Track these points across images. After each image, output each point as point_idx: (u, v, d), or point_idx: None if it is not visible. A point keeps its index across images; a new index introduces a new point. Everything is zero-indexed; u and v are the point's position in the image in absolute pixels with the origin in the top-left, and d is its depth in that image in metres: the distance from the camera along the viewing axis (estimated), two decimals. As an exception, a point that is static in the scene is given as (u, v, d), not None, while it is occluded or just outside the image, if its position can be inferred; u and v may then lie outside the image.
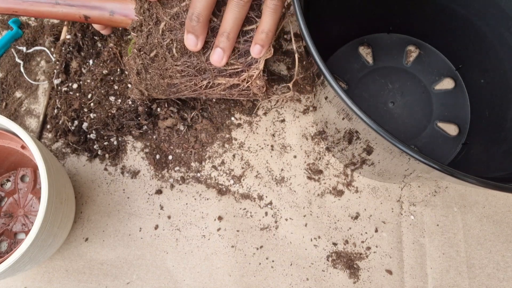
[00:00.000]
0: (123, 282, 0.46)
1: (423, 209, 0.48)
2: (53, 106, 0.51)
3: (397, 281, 0.45)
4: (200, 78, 0.41)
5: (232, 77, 0.41)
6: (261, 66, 0.40)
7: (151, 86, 0.43)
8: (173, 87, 0.42)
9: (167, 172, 0.49)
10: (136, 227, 0.47)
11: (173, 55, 0.40)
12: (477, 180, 0.28)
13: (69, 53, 0.52)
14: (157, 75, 0.41)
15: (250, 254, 0.46)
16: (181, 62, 0.40)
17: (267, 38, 0.38)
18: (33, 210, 0.46)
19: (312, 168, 0.49)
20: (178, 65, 0.40)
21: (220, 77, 0.41)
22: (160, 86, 0.42)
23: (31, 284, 0.46)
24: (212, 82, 0.41)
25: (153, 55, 0.40)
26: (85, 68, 0.52)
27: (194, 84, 0.41)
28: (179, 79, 0.41)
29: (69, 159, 0.50)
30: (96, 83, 0.50)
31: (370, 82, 0.52)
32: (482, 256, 0.46)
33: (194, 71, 0.40)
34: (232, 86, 0.42)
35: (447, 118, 0.50)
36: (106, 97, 0.50)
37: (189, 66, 0.40)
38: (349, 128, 0.40)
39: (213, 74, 0.41)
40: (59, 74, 0.51)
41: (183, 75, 0.41)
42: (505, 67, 0.44)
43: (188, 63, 0.40)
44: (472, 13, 0.46)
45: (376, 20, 0.52)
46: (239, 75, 0.41)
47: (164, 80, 0.41)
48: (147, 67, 0.41)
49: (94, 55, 0.52)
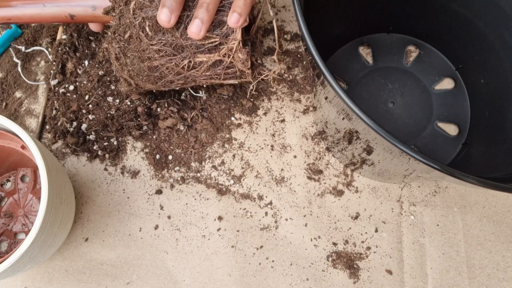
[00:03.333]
0: (123, 282, 0.46)
1: (423, 209, 0.48)
2: (51, 107, 0.51)
3: (397, 281, 0.45)
4: (179, 58, 0.41)
5: (212, 53, 0.40)
6: (238, 36, 0.39)
7: (133, 73, 0.42)
8: (155, 70, 0.42)
9: (167, 172, 0.49)
10: (136, 227, 0.47)
11: (147, 33, 0.39)
12: (477, 180, 0.28)
13: (65, 54, 0.52)
14: (136, 58, 0.41)
15: (250, 254, 0.46)
16: (156, 41, 0.40)
17: (245, 6, 0.37)
18: (33, 210, 0.46)
19: (312, 168, 0.49)
20: (153, 44, 0.40)
21: (199, 53, 0.40)
22: (143, 71, 0.42)
23: (31, 284, 0.46)
24: (193, 61, 0.41)
25: (128, 37, 0.40)
26: (81, 69, 0.52)
27: (175, 65, 0.41)
28: (159, 60, 0.41)
29: (69, 159, 0.50)
30: (93, 84, 0.50)
31: (370, 82, 0.52)
32: (482, 256, 0.46)
33: (171, 49, 0.40)
34: (216, 64, 0.42)
35: (447, 118, 0.50)
36: (104, 98, 0.50)
37: (165, 44, 0.40)
38: (349, 128, 0.40)
39: (191, 51, 0.40)
40: (55, 75, 0.51)
41: (161, 55, 0.40)
42: (505, 67, 0.44)
43: (163, 40, 0.40)
44: (472, 13, 0.46)
45: (376, 20, 0.52)
46: (218, 49, 0.40)
47: (144, 63, 0.41)
48: (125, 50, 0.41)
49: (89, 56, 0.52)
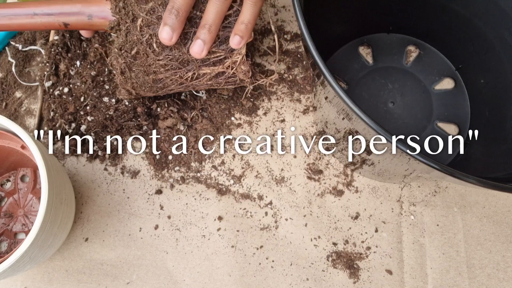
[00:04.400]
0: (123, 282, 0.46)
1: (423, 209, 0.48)
2: (48, 109, 0.51)
3: (397, 281, 0.45)
4: (184, 70, 0.41)
5: (216, 66, 0.41)
6: (243, 51, 0.40)
7: (137, 84, 0.43)
8: (159, 82, 0.42)
9: (167, 172, 0.49)
10: (136, 227, 0.47)
11: (154, 50, 0.39)
12: (477, 180, 0.28)
13: (58, 54, 0.52)
14: (141, 72, 0.41)
15: (250, 254, 0.46)
16: (163, 56, 0.40)
17: (246, 30, 0.39)
18: (33, 210, 0.46)
19: (312, 168, 0.49)
20: (160, 59, 0.40)
21: (204, 67, 0.41)
22: (146, 83, 0.42)
23: (31, 284, 0.46)
24: (197, 73, 0.41)
25: (134, 53, 0.40)
26: (73, 70, 0.51)
27: (180, 77, 0.41)
28: (164, 73, 0.41)
29: (69, 159, 0.50)
30: (87, 86, 0.50)
31: (370, 82, 0.52)
32: (482, 256, 0.46)
33: (177, 63, 0.40)
34: (218, 75, 0.42)
35: (447, 118, 0.50)
36: (99, 99, 0.50)
37: (172, 60, 0.40)
38: (349, 128, 0.40)
39: (196, 65, 0.41)
40: (49, 77, 0.51)
41: (167, 69, 0.41)
42: (505, 67, 0.44)
43: (170, 56, 0.40)
44: (472, 13, 0.46)
45: (376, 20, 0.52)
46: (223, 62, 0.41)
47: (149, 76, 0.41)
48: (130, 65, 0.41)
49: (81, 56, 0.52)
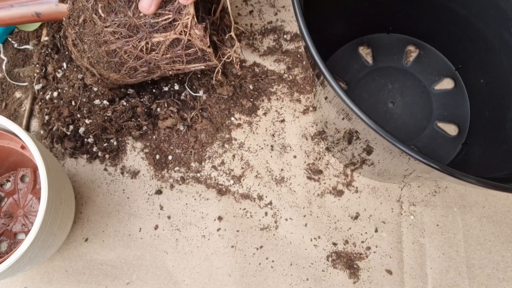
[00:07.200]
0: (123, 283, 0.46)
1: (423, 209, 0.48)
2: (42, 113, 0.51)
3: (397, 281, 0.45)
4: (136, 39, 0.41)
5: (168, 31, 0.41)
6: (191, 10, 0.39)
7: (93, 60, 0.43)
8: (114, 55, 0.42)
9: (167, 172, 0.49)
10: (136, 227, 0.47)
11: (100, 15, 0.40)
12: (477, 180, 0.28)
13: (48, 56, 0.52)
14: (93, 42, 0.41)
15: (250, 254, 0.46)
16: (110, 22, 0.40)
17: None
18: (33, 210, 0.46)
19: (312, 168, 0.49)
20: (107, 26, 0.40)
21: (155, 33, 0.41)
22: (101, 57, 0.42)
23: (31, 284, 0.46)
24: (151, 42, 0.41)
25: (82, 21, 0.41)
26: (60, 73, 0.51)
27: (133, 47, 0.41)
28: (115, 42, 0.41)
29: (69, 160, 0.50)
30: (74, 90, 0.50)
31: (370, 82, 0.52)
32: (482, 256, 0.46)
33: (126, 30, 0.40)
34: (174, 44, 0.42)
35: (447, 118, 0.50)
36: (90, 102, 0.50)
37: (119, 25, 0.40)
38: (349, 128, 0.40)
39: (147, 31, 0.40)
40: (39, 79, 0.51)
41: (116, 37, 0.41)
42: (505, 67, 0.44)
43: (117, 21, 0.40)
44: (472, 13, 0.46)
45: (376, 20, 0.52)
46: (174, 26, 0.40)
47: (101, 47, 0.41)
48: (81, 35, 0.41)
49: (67, 58, 0.52)
